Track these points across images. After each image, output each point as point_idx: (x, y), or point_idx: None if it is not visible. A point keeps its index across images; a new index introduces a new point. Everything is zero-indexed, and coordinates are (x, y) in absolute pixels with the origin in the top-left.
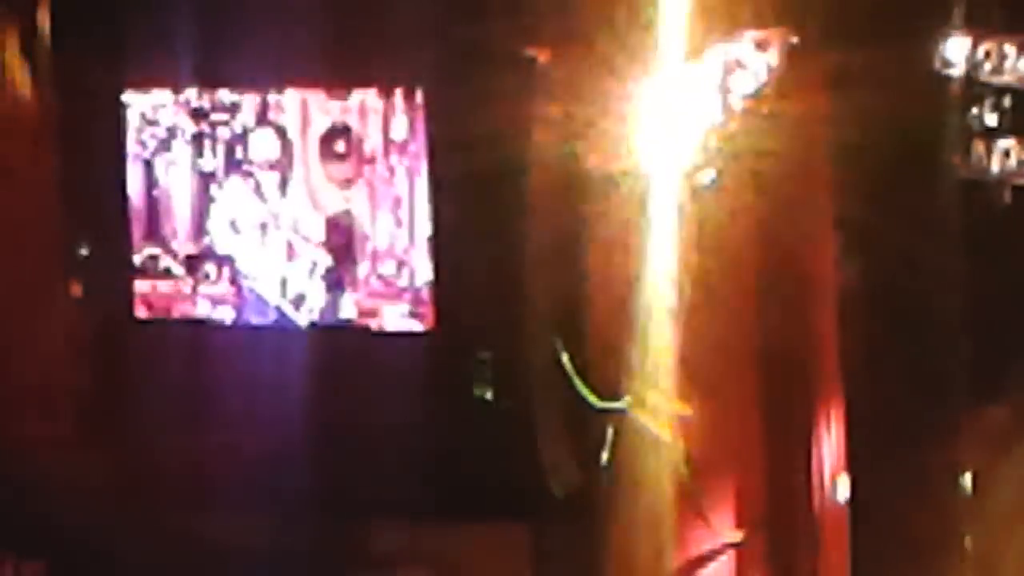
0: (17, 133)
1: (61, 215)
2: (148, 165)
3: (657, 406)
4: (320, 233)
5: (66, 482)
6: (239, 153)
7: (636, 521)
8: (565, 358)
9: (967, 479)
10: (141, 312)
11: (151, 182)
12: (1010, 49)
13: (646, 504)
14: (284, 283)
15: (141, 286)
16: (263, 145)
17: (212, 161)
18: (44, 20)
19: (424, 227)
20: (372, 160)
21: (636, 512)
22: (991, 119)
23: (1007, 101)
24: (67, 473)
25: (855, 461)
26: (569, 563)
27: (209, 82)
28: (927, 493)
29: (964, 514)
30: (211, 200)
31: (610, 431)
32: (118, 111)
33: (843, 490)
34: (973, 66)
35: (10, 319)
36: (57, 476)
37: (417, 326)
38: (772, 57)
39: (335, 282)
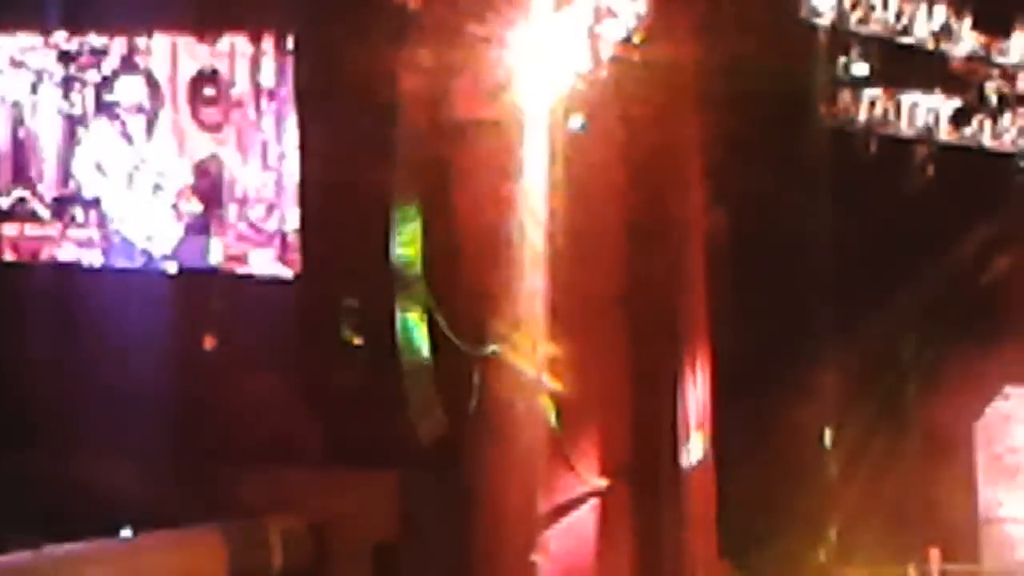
0: None
1: None
2: (15, 107)
3: (526, 352)
4: (188, 177)
5: None
6: (107, 96)
7: (505, 468)
8: (434, 304)
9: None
10: (8, 255)
11: (18, 125)
12: None
13: (515, 451)
14: (151, 227)
15: (8, 229)
16: (131, 89)
17: (80, 105)
18: None
19: (293, 173)
20: (241, 105)
21: (504, 459)
22: (858, 69)
23: (874, 51)
24: None
25: (720, 410)
26: (439, 510)
27: (78, 25)
28: (789, 443)
29: (824, 464)
30: (78, 143)
31: (478, 378)
32: None
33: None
34: (840, 15)
35: None
36: None
37: (285, 272)
38: (641, 5)
39: (202, 227)
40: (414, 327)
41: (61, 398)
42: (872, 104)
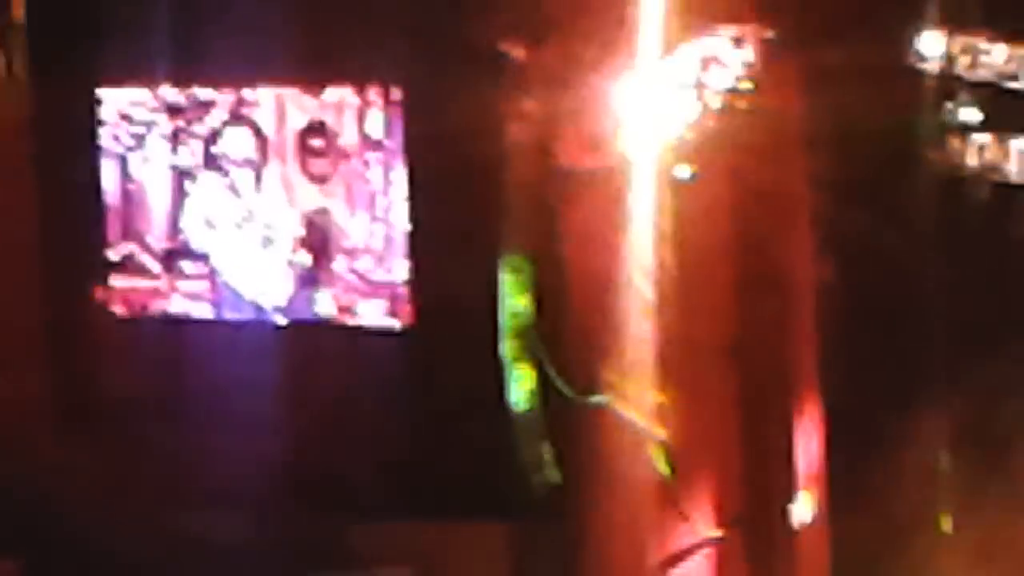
0: None
1: (37, 211)
2: (123, 161)
3: (635, 402)
4: (296, 229)
5: (44, 481)
6: (214, 150)
7: (615, 518)
8: (544, 354)
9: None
10: (118, 309)
11: (126, 179)
12: (985, 44)
13: (625, 501)
14: (260, 279)
15: (118, 283)
16: (238, 142)
17: (188, 157)
18: (20, 15)
19: (401, 223)
20: (348, 156)
21: (615, 509)
22: (967, 114)
23: (982, 96)
24: (45, 472)
25: (831, 463)
26: (549, 560)
27: (185, 78)
28: (904, 492)
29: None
30: (186, 196)
31: (588, 428)
32: (93, 107)
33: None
34: (948, 61)
35: None
36: (35, 475)
37: (394, 323)
38: (748, 53)
39: (311, 278)
40: (524, 377)
41: (171, 451)
42: (981, 150)
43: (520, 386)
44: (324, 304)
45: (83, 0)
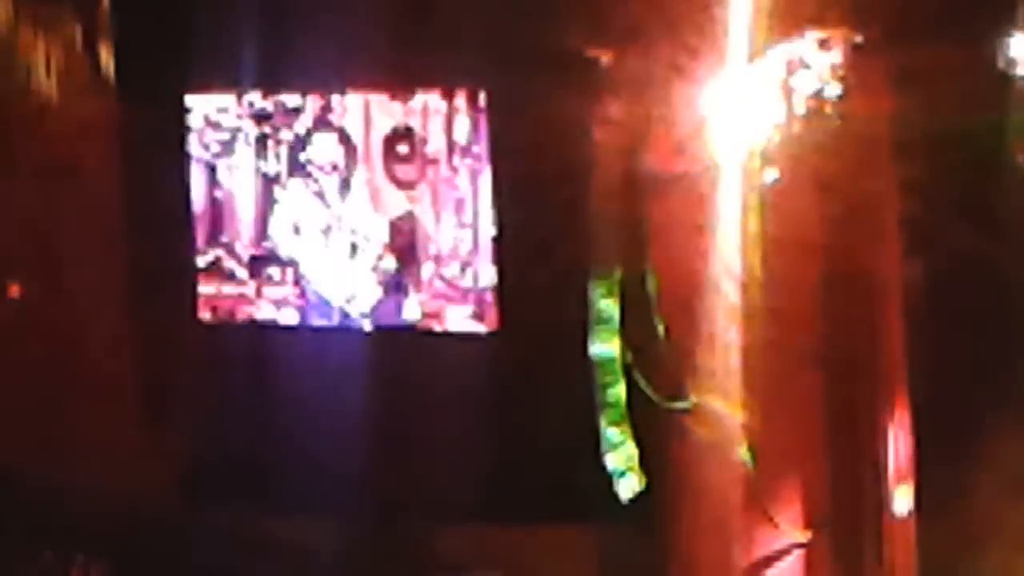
0: (82, 135)
1: (125, 218)
2: (211, 168)
3: (722, 406)
4: (383, 235)
5: (133, 486)
6: (301, 156)
7: (702, 522)
8: (630, 358)
9: None
10: (205, 315)
11: (214, 185)
12: None
13: (712, 505)
14: (347, 285)
15: (205, 289)
16: (325, 148)
17: (275, 164)
18: (107, 23)
19: (487, 228)
20: (435, 162)
21: (702, 513)
22: None
23: None
24: (133, 477)
25: (922, 460)
26: (635, 565)
27: (271, 85)
28: (993, 495)
29: None
30: (274, 203)
31: (675, 432)
32: (181, 114)
33: (906, 498)
34: None
35: (75, 323)
36: (124, 480)
37: (480, 328)
38: (835, 56)
39: (398, 284)
40: (611, 382)
41: (256, 456)
42: None
43: (607, 389)
44: (411, 310)
45: (170, 7)
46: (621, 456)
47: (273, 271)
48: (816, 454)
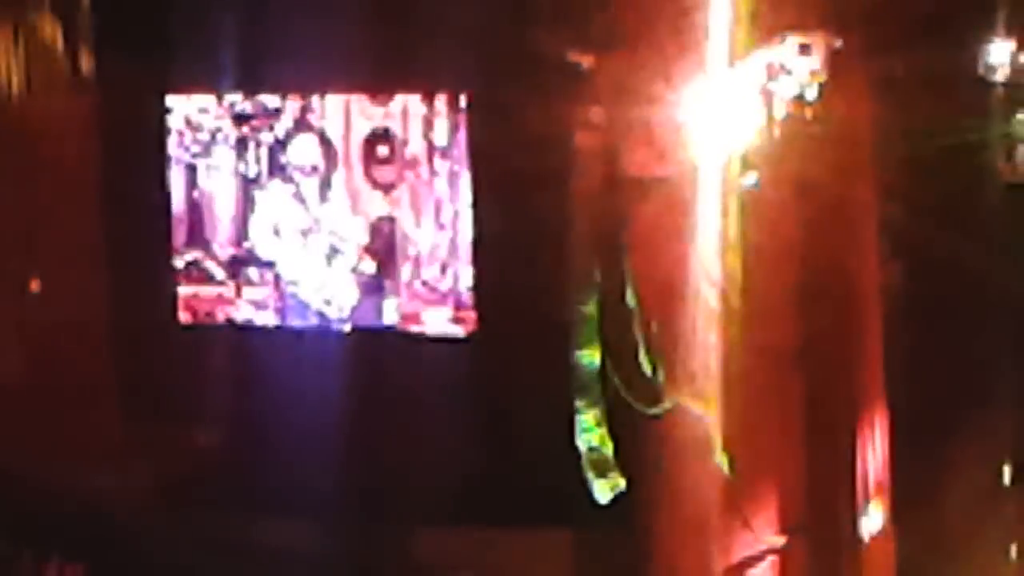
0: (60, 135)
1: (104, 217)
2: (191, 169)
3: (700, 410)
4: (362, 237)
5: (109, 486)
6: (281, 158)
7: (679, 525)
8: (608, 363)
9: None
10: (184, 316)
11: (193, 186)
12: None
13: (689, 508)
14: (325, 287)
15: (184, 290)
16: (305, 150)
17: (254, 165)
18: (88, 24)
19: (467, 231)
20: (414, 164)
21: (679, 516)
22: None
23: None
24: (110, 477)
25: (897, 472)
26: (612, 568)
27: (252, 86)
28: (970, 496)
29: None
30: (253, 204)
31: (652, 435)
32: (161, 115)
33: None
34: (1016, 71)
35: (54, 324)
36: (100, 480)
37: (459, 331)
38: (815, 61)
39: (377, 286)
40: (589, 385)
41: (237, 459)
42: None
43: (585, 393)
44: (389, 312)
45: (151, 9)
46: (598, 459)
47: (252, 273)
48: (794, 458)
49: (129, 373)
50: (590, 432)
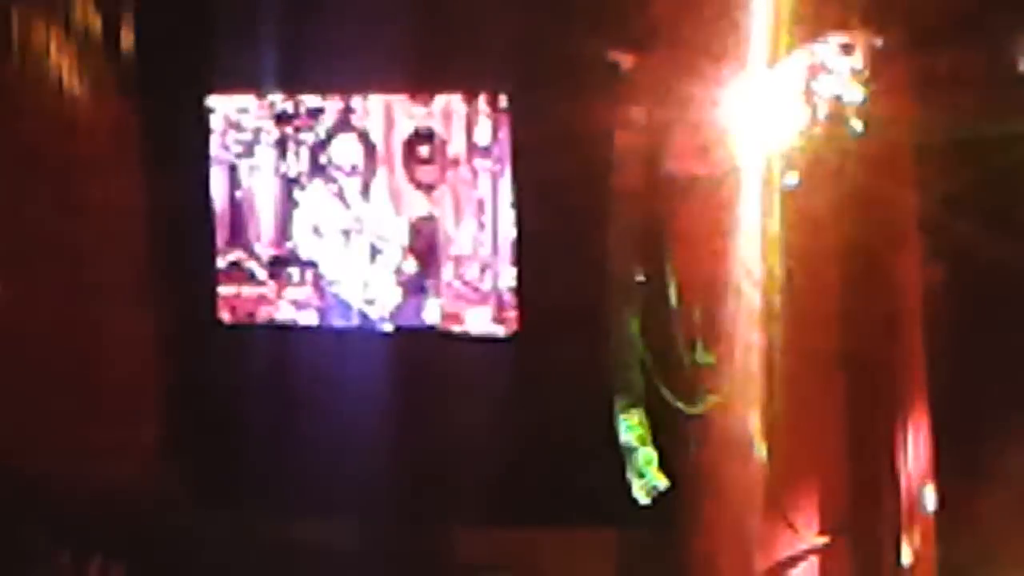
0: (104, 135)
1: (146, 217)
2: (232, 169)
3: (742, 409)
4: (403, 237)
5: (151, 486)
6: (322, 158)
7: (720, 525)
8: (650, 362)
9: None
10: (225, 316)
11: (235, 186)
12: None
13: (730, 508)
14: (367, 287)
15: (225, 290)
16: (346, 150)
17: (296, 165)
18: (130, 24)
19: (508, 231)
20: (456, 164)
21: (720, 516)
22: None
23: None
24: (152, 477)
25: (942, 466)
26: (655, 567)
27: (293, 86)
28: (1014, 497)
29: None
30: (294, 204)
31: (694, 435)
32: (203, 115)
33: (930, 499)
34: None
35: (95, 323)
36: (142, 480)
37: (500, 331)
38: (857, 61)
39: (418, 286)
40: (631, 384)
41: (276, 458)
42: None
43: (627, 393)
44: (431, 312)
45: (194, 8)
46: (639, 459)
47: (293, 272)
48: (835, 458)
49: (170, 372)
50: (632, 432)
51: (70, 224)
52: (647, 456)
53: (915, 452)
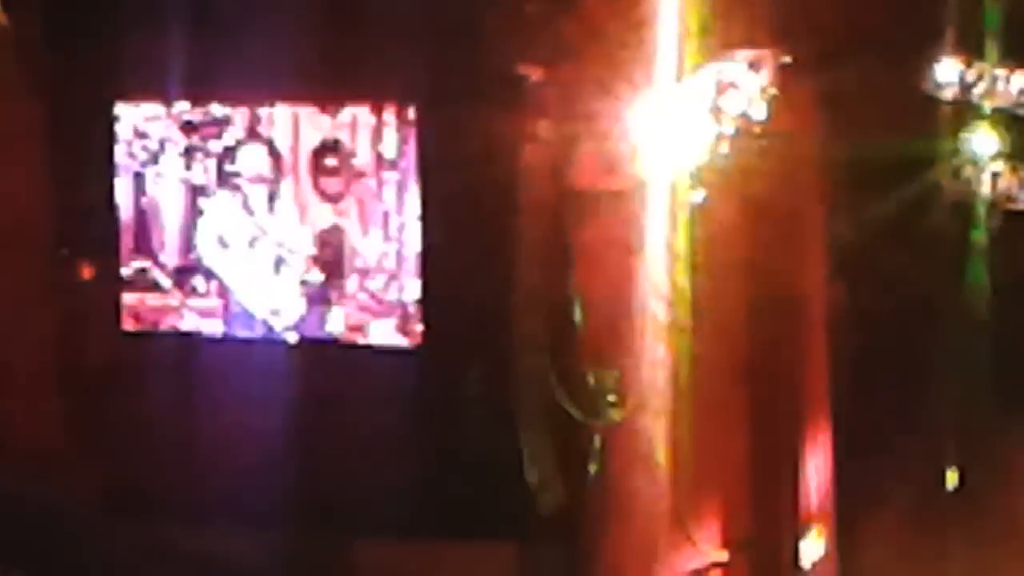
0: (7, 142)
1: (50, 226)
2: (138, 177)
3: (646, 424)
4: (309, 248)
5: (52, 494)
6: (229, 167)
7: (623, 539)
8: (553, 375)
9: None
10: (128, 325)
11: (140, 194)
12: (1001, 72)
13: (633, 523)
14: (272, 298)
15: (129, 299)
16: (253, 160)
17: (202, 175)
18: (37, 30)
19: (413, 243)
20: (362, 176)
21: (623, 530)
22: (981, 143)
23: (998, 125)
24: (53, 485)
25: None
26: None
27: (201, 95)
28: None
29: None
30: (200, 213)
31: (597, 450)
32: (109, 122)
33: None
34: (964, 90)
35: None
36: (43, 488)
37: (404, 342)
38: (764, 77)
39: (323, 297)
40: (534, 399)
41: (179, 469)
42: (995, 178)
43: (530, 407)
44: (335, 322)
45: (100, 17)
46: (541, 471)
47: (198, 282)
48: (738, 473)
49: (74, 380)
50: (534, 445)
51: None
52: (548, 468)
53: (816, 465)
